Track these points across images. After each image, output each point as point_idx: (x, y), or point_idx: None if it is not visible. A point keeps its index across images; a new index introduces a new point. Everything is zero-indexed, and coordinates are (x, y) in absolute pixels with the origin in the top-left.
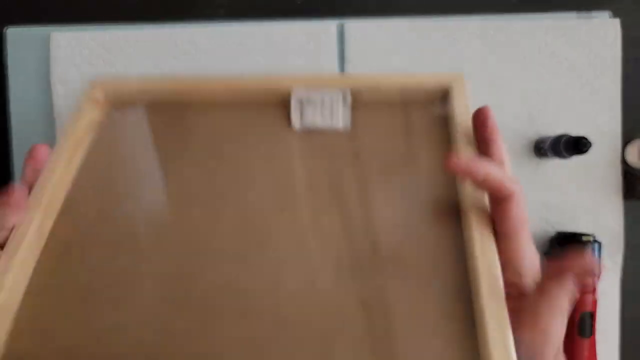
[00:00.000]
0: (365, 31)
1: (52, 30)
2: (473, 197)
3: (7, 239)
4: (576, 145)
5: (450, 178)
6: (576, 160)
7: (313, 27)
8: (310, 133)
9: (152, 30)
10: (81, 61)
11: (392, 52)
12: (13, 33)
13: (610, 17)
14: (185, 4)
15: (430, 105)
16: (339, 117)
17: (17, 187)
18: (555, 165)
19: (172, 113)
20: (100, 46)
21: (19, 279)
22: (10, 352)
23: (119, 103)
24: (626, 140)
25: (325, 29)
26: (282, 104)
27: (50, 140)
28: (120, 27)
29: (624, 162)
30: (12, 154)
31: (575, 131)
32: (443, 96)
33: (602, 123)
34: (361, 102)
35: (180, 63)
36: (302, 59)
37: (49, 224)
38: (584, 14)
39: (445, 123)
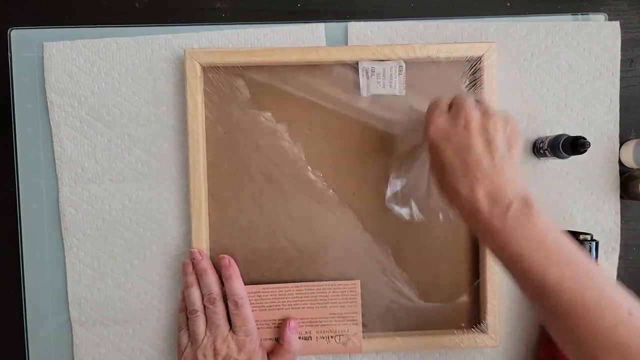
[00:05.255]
0: (366, 32)
1: (55, 32)
2: None
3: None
4: (575, 145)
5: None
6: (574, 160)
7: (304, 29)
8: (375, 98)
9: (149, 37)
10: (76, 70)
11: None
12: (17, 35)
13: (606, 20)
14: (184, 8)
15: (466, 72)
16: (396, 85)
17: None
18: (553, 164)
19: (262, 78)
20: (95, 54)
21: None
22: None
23: (211, 70)
24: (623, 140)
25: (312, 31)
26: (350, 68)
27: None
28: (116, 34)
29: (620, 162)
30: (16, 155)
31: (573, 131)
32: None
33: (601, 124)
34: (413, 69)
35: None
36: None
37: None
38: (579, 16)
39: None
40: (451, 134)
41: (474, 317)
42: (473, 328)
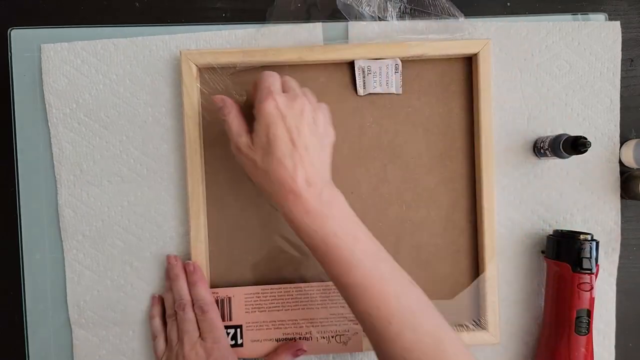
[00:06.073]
0: (365, 32)
1: (55, 32)
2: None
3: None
4: (575, 145)
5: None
6: (575, 160)
7: (301, 29)
8: (371, 96)
9: (146, 38)
10: (74, 71)
11: None
12: (17, 35)
13: (606, 20)
14: (185, 8)
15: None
16: (392, 84)
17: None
18: (554, 164)
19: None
20: (93, 56)
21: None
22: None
23: (207, 71)
24: (623, 140)
25: (310, 31)
26: (346, 67)
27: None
28: (116, 34)
29: (620, 162)
30: (16, 155)
31: (574, 131)
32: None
33: (601, 124)
34: (409, 67)
35: (175, 69)
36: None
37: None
38: (579, 16)
39: (472, 84)
40: (287, 114)
41: (474, 314)
42: (473, 325)
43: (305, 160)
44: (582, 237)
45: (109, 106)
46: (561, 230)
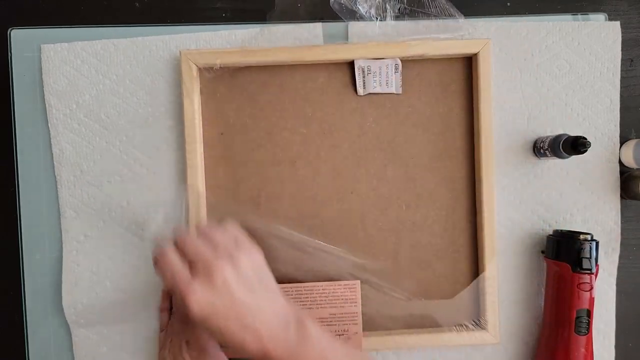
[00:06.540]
0: (366, 32)
1: (55, 32)
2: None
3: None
4: (575, 145)
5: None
6: (575, 160)
7: (301, 29)
8: (371, 96)
9: (146, 38)
10: (74, 72)
11: None
12: (17, 35)
13: (606, 20)
14: (185, 8)
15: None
16: (392, 84)
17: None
18: (553, 164)
19: (258, 78)
20: (92, 56)
21: None
22: None
23: (207, 71)
24: (623, 140)
25: (310, 31)
26: (345, 67)
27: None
28: (116, 34)
29: (620, 162)
30: (16, 155)
31: (574, 131)
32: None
33: (601, 124)
34: (409, 67)
35: (175, 69)
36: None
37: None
38: (579, 16)
39: (472, 84)
40: (214, 300)
41: (474, 314)
42: (473, 325)
43: (256, 322)
44: (582, 237)
45: (109, 106)
46: (561, 230)
